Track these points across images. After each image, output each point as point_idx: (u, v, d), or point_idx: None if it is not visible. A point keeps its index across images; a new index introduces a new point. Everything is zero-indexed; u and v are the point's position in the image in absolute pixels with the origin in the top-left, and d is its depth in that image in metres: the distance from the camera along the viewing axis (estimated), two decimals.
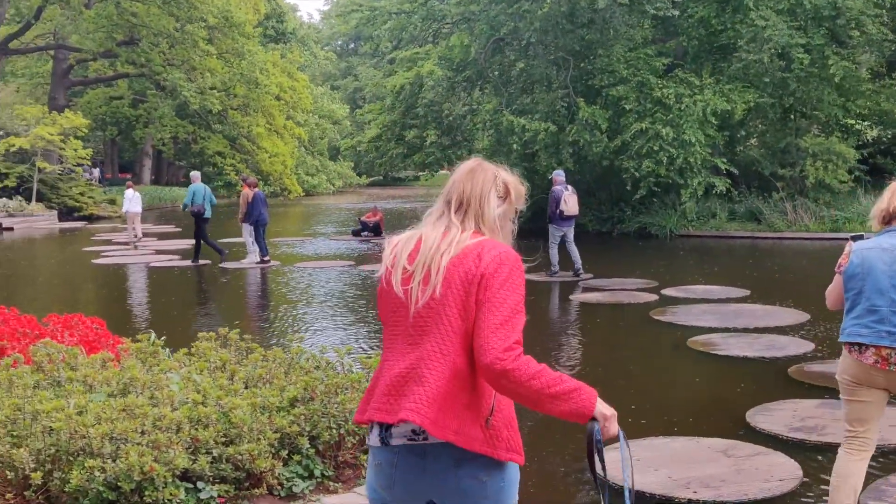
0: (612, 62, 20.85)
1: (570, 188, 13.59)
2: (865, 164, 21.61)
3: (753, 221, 20.76)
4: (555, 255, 13.62)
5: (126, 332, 7.67)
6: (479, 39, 22.98)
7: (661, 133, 19.43)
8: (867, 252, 3.87)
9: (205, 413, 4.07)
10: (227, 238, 21.56)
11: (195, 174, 17.86)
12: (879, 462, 5.05)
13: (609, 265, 15.17)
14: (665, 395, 7.00)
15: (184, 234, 17.24)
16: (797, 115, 22.15)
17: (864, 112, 20.98)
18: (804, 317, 9.82)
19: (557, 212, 13.28)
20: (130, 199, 22.85)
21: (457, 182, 2.41)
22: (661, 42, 22.76)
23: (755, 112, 21.55)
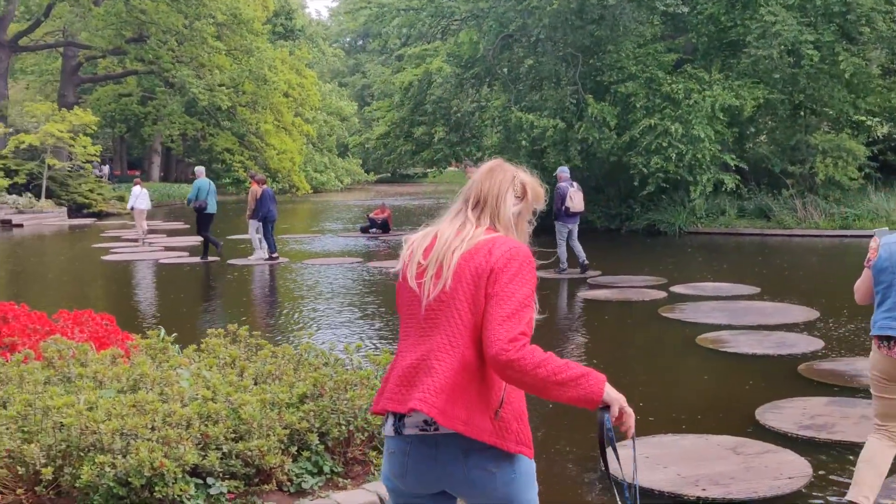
0: (621, 58, 20.78)
1: (575, 185, 13.60)
2: (875, 161, 21.54)
3: (763, 218, 20.70)
4: (563, 252, 13.63)
5: (135, 329, 7.70)
6: (488, 36, 22.95)
7: (670, 129, 19.38)
8: (895, 246, 3.88)
9: (214, 409, 4.08)
10: (237, 235, 21.63)
11: (199, 169, 17.87)
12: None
13: (617, 262, 15.14)
14: (674, 393, 6.99)
15: (193, 231, 17.29)
16: (807, 112, 22.07)
17: (875, 109, 20.89)
18: (814, 314, 9.79)
19: (563, 208, 13.28)
20: (137, 196, 22.91)
21: (476, 181, 2.47)
22: (671, 38, 22.69)
23: (765, 109, 21.47)
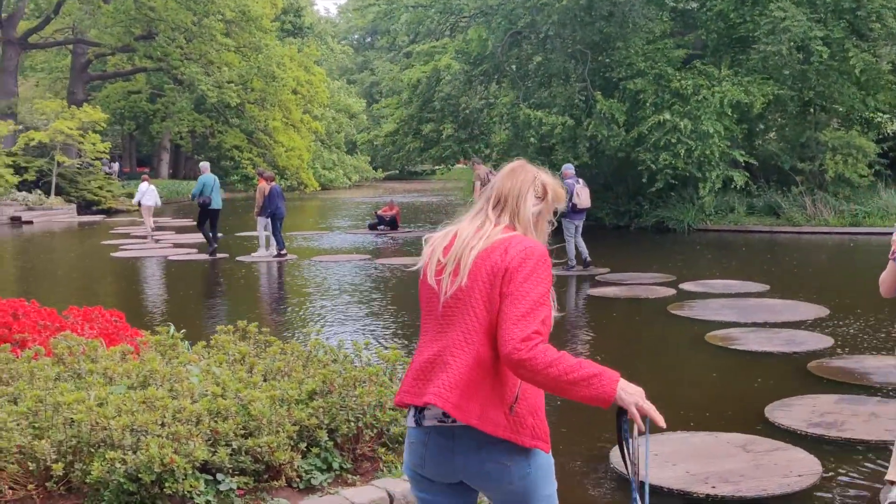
0: (630, 55, 20.73)
1: (581, 181, 13.63)
2: (886, 158, 21.45)
3: (772, 216, 20.62)
4: (571, 250, 13.64)
5: (144, 325, 7.72)
6: (497, 33, 22.91)
7: (679, 125, 19.33)
8: None
9: (224, 405, 4.08)
10: (246, 232, 21.67)
11: (204, 165, 17.88)
12: None
13: (626, 259, 15.12)
14: (683, 390, 6.98)
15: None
16: (817, 109, 21.99)
17: (885, 106, 20.80)
18: (824, 311, 9.75)
19: (570, 205, 13.29)
20: (144, 193, 22.98)
21: (498, 180, 2.51)
22: (680, 35, 22.61)
23: (774, 105, 21.39)
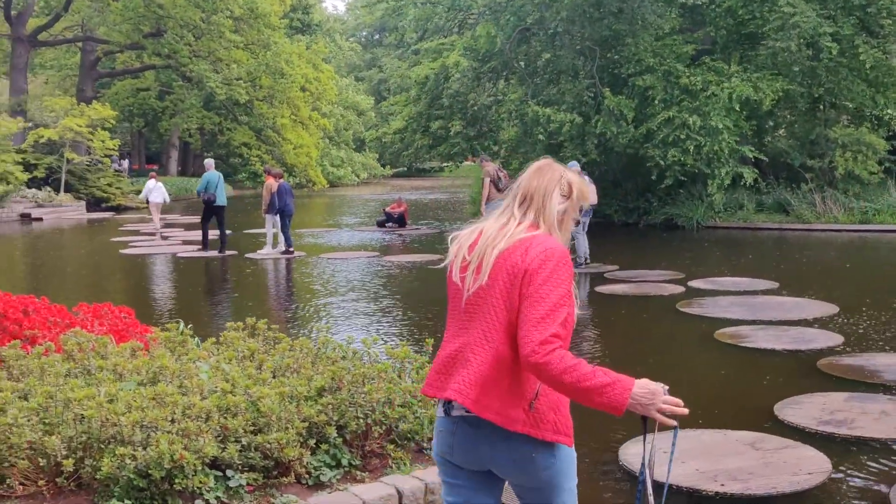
0: (639, 51, 20.67)
1: (587, 177, 13.58)
2: (895, 155, 21.32)
3: (782, 213, 20.56)
4: (580, 247, 13.59)
5: (154, 322, 7.74)
6: (505, 30, 22.88)
7: (688, 121, 19.28)
8: None
9: (233, 402, 4.09)
10: (254, 229, 21.71)
11: (209, 162, 17.90)
12: None
13: (635, 256, 15.09)
14: (692, 388, 6.95)
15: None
16: (826, 106, 21.90)
17: (895, 102, 20.68)
18: (833, 309, 9.72)
19: None
20: (152, 190, 23.05)
21: (524, 178, 2.56)
22: (689, 31, 22.54)
23: (784, 102, 21.31)
